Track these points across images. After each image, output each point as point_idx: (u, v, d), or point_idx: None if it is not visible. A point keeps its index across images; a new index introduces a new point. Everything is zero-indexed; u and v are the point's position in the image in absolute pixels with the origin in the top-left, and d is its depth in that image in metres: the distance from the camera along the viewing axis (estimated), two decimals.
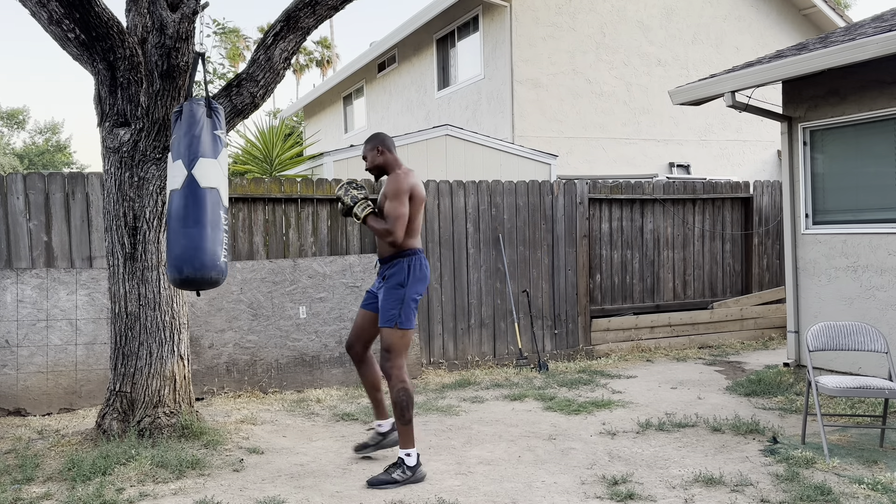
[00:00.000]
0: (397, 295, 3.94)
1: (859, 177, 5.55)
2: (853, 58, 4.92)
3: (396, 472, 3.82)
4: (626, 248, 8.00)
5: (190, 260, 3.69)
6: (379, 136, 4.21)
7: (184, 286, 3.83)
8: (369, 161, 4.17)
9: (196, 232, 3.69)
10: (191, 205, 3.71)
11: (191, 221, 3.70)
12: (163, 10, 4.16)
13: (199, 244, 3.69)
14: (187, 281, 3.75)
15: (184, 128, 3.83)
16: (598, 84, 11.78)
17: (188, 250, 3.68)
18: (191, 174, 3.72)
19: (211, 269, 3.73)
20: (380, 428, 4.29)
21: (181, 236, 3.71)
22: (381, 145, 4.15)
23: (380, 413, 4.32)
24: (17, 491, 3.68)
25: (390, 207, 3.92)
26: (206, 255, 3.70)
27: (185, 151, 3.77)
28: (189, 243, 3.68)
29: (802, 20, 13.49)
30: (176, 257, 3.72)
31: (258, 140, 9.62)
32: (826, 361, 5.61)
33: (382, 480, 3.79)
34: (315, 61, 41.67)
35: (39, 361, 5.42)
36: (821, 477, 3.75)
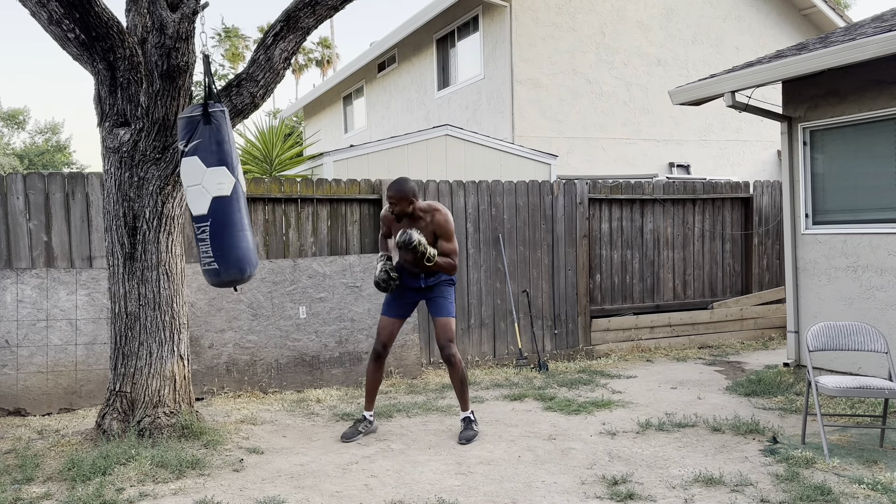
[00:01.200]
0: (452, 292, 4.77)
1: (859, 177, 5.55)
2: (853, 58, 4.92)
3: (474, 426, 4.70)
4: (626, 248, 8.00)
5: (249, 260, 4.04)
6: (409, 186, 4.60)
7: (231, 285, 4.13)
8: (399, 209, 4.60)
9: (249, 234, 4.05)
10: (242, 208, 4.02)
11: (243, 224, 4.02)
12: (163, 10, 4.16)
13: (252, 245, 4.07)
14: (246, 279, 4.12)
15: (218, 133, 3.97)
16: (598, 84, 11.78)
17: (247, 252, 4.02)
18: (237, 180, 3.98)
19: (257, 265, 4.15)
20: (370, 417, 4.82)
21: (241, 239, 4.01)
22: (413, 196, 4.60)
23: (372, 405, 4.85)
24: (17, 491, 3.68)
25: (451, 247, 4.62)
26: (255, 255, 4.11)
27: (228, 158, 3.97)
28: (246, 245, 4.02)
29: (802, 20, 13.50)
30: (238, 260, 4.02)
31: (258, 140, 9.62)
32: (826, 361, 5.61)
33: (472, 435, 4.61)
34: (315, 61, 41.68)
35: (39, 361, 5.42)
36: (821, 477, 3.75)
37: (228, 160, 3.95)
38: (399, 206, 4.58)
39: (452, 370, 4.66)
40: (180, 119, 4.05)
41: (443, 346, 4.64)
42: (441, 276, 4.71)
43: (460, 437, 4.60)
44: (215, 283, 4.10)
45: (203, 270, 4.06)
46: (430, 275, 4.70)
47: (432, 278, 4.71)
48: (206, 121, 3.94)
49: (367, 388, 4.81)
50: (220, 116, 3.97)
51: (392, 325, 4.78)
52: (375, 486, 3.78)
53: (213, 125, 3.93)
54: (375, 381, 4.80)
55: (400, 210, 4.60)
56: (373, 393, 4.81)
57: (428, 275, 4.70)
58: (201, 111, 3.95)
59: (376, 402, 5.65)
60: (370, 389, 4.81)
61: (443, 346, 4.64)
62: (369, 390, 4.81)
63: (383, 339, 4.76)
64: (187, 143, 3.96)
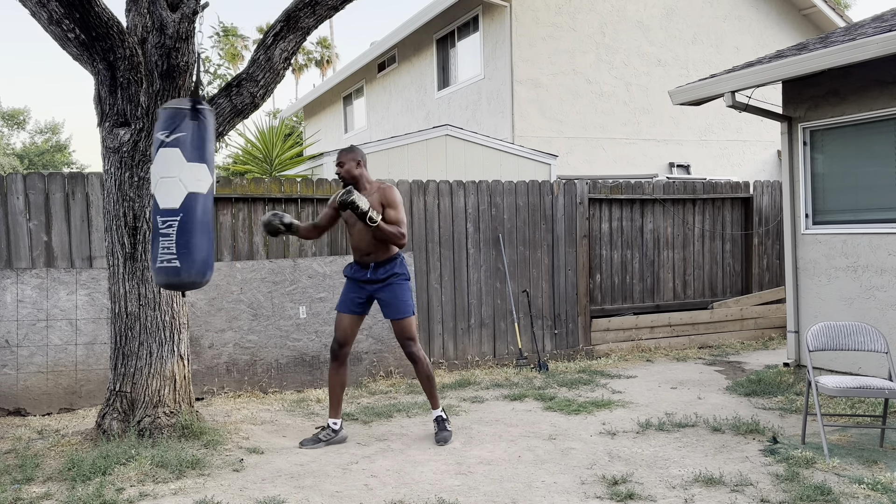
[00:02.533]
0: (407, 287, 4.59)
1: (859, 177, 5.55)
2: (853, 58, 4.92)
3: (447, 425, 4.64)
4: (626, 248, 8.00)
5: (211, 264, 3.85)
6: (360, 151, 4.62)
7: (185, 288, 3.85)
8: (346, 170, 4.54)
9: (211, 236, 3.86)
10: (210, 210, 3.83)
11: (210, 227, 3.83)
12: (163, 10, 4.16)
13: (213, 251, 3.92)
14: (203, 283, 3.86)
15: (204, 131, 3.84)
16: (598, 84, 11.78)
17: (211, 256, 3.84)
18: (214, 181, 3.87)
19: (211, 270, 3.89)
20: (335, 425, 4.62)
21: (206, 240, 3.80)
22: (362, 159, 4.59)
23: (337, 412, 4.65)
24: (17, 491, 3.68)
25: (398, 215, 4.48)
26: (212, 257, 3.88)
27: (208, 156, 3.85)
28: (211, 246, 3.84)
29: (802, 20, 13.49)
30: (203, 261, 3.78)
31: (258, 140, 9.62)
32: (826, 361, 5.61)
33: (448, 436, 4.57)
34: (314, 61, 41.67)
35: (39, 361, 5.42)
36: (821, 477, 3.75)
37: (210, 159, 3.84)
38: (347, 167, 4.49)
39: (417, 367, 4.60)
40: (164, 109, 3.86)
41: (403, 345, 4.59)
42: (391, 269, 4.53)
43: (436, 438, 4.57)
44: (167, 284, 3.81)
45: (156, 268, 3.75)
46: (379, 265, 4.53)
47: (381, 270, 4.53)
48: (193, 116, 3.80)
49: (329, 391, 4.63)
50: (208, 115, 3.86)
51: (346, 321, 4.61)
52: (375, 486, 3.78)
53: (200, 122, 3.80)
54: (335, 384, 4.61)
55: (346, 171, 4.50)
56: (335, 397, 4.61)
57: (376, 265, 4.53)
58: (190, 105, 3.80)
59: (375, 403, 5.64)
60: (332, 393, 4.61)
61: (402, 344, 4.59)
62: (331, 394, 4.61)
63: (339, 336, 4.60)
64: (169, 133, 3.80)
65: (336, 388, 4.63)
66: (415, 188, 6.87)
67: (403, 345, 4.60)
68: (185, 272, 3.73)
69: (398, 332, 4.59)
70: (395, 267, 4.56)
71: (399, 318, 4.56)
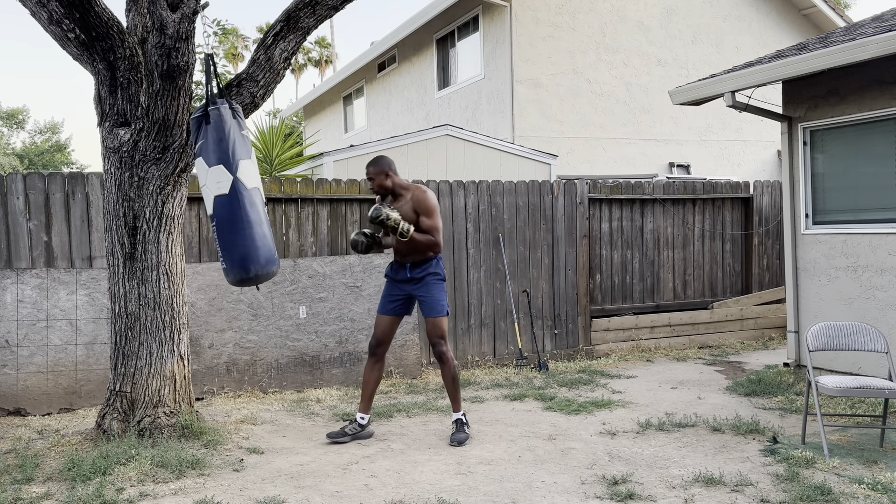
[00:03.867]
0: (442, 287, 4.68)
1: (859, 177, 5.55)
2: (853, 58, 4.92)
3: (466, 428, 4.65)
4: (626, 248, 8.00)
5: (256, 259, 3.95)
6: (386, 160, 4.68)
7: (246, 284, 4.07)
8: (377, 184, 4.63)
9: (256, 231, 3.94)
10: (244, 207, 3.92)
11: (246, 223, 3.91)
12: (163, 10, 4.16)
13: (262, 242, 3.96)
14: (254, 278, 4.02)
15: (216, 132, 3.94)
16: (598, 84, 11.78)
17: (252, 250, 3.93)
18: (236, 177, 3.91)
19: (273, 263, 4.04)
20: (362, 420, 4.70)
21: (242, 238, 3.93)
22: (389, 170, 4.64)
23: (367, 408, 4.73)
24: (17, 491, 3.68)
25: (432, 223, 4.56)
26: (268, 252, 3.99)
27: (225, 156, 3.91)
28: (251, 244, 3.93)
29: (802, 20, 13.49)
30: (242, 258, 3.95)
31: (258, 140, 9.62)
32: (826, 361, 5.61)
33: (464, 437, 4.56)
34: (313, 61, 41.67)
35: (39, 361, 5.42)
36: (821, 477, 3.75)
37: (227, 157, 3.92)
38: (377, 181, 4.60)
39: (444, 367, 4.65)
40: (191, 121, 4.07)
41: (434, 343, 4.64)
42: (428, 269, 4.62)
43: (451, 439, 4.57)
44: (230, 282, 4.09)
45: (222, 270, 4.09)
46: (416, 265, 4.63)
47: (418, 269, 4.63)
48: (206, 120, 3.97)
49: (363, 386, 4.76)
50: (217, 114, 3.95)
51: (385, 321, 4.73)
52: (375, 486, 3.78)
53: (212, 124, 3.94)
54: (370, 380, 4.73)
55: (378, 185, 4.60)
56: (367, 393, 4.72)
57: (413, 265, 4.63)
58: (202, 111, 3.98)
59: (375, 403, 5.64)
60: (364, 388, 4.74)
61: (434, 342, 4.64)
62: (364, 389, 4.75)
63: (377, 335, 4.73)
64: (195, 143, 4.02)
65: (370, 384, 4.74)
66: None
67: (434, 343, 4.64)
68: (230, 271, 4.00)
69: (430, 329, 4.65)
70: (432, 266, 4.65)
71: (433, 317, 4.62)
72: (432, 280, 4.64)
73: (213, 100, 4.00)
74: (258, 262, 3.97)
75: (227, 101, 4.04)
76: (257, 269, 3.98)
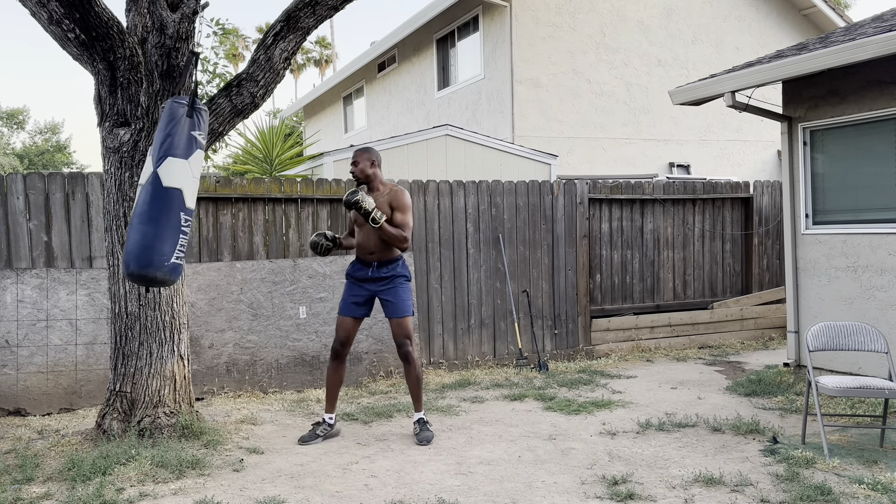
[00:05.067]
0: (407, 287, 4.69)
1: (859, 177, 5.55)
2: (853, 58, 4.92)
3: (429, 426, 4.68)
4: (626, 248, 8.00)
5: (137, 256, 3.65)
6: (374, 151, 4.75)
7: (132, 280, 3.79)
8: (360, 169, 4.67)
9: (149, 230, 3.65)
10: (150, 202, 3.67)
11: (146, 218, 3.65)
12: (163, 10, 4.16)
13: (149, 242, 3.64)
14: (132, 276, 3.72)
15: (161, 124, 3.79)
16: (598, 84, 11.78)
17: (137, 247, 3.65)
18: (155, 172, 3.69)
19: (157, 268, 3.67)
20: (330, 420, 4.74)
21: (134, 231, 3.69)
22: (376, 160, 4.71)
23: (333, 407, 4.77)
24: (17, 491, 3.68)
25: (405, 219, 4.59)
26: (153, 254, 3.64)
27: (156, 149, 3.74)
28: (140, 240, 3.65)
29: (802, 20, 13.49)
30: (126, 252, 3.70)
31: (258, 140, 9.62)
32: (826, 361, 5.61)
33: (429, 437, 4.57)
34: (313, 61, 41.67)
35: (39, 361, 5.42)
36: (821, 477, 3.75)
37: (157, 150, 3.74)
38: (361, 166, 4.63)
39: (408, 368, 4.66)
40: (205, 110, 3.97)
41: (399, 344, 4.64)
42: (394, 270, 4.65)
43: (418, 439, 4.56)
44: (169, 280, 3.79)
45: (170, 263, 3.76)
46: (381, 265, 4.65)
47: (383, 269, 4.64)
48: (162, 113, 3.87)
49: (327, 388, 4.74)
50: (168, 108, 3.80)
51: (348, 323, 4.73)
52: (375, 486, 3.78)
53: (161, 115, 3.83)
54: (335, 382, 4.73)
55: (360, 171, 4.63)
56: (333, 394, 4.74)
57: (379, 264, 4.65)
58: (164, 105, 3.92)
59: (375, 402, 5.65)
60: (330, 390, 4.73)
61: (399, 343, 4.64)
62: (329, 391, 4.73)
63: (341, 337, 4.72)
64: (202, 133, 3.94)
65: (335, 386, 4.75)
66: (415, 188, 6.87)
67: (399, 343, 4.65)
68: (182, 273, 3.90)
69: (396, 330, 4.66)
70: (398, 268, 4.67)
71: (399, 317, 4.64)
72: (398, 281, 4.66)
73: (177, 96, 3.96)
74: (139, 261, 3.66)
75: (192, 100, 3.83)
76: (135, 269, 3.67)
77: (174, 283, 3.87)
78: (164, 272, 3.70)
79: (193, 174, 3.81)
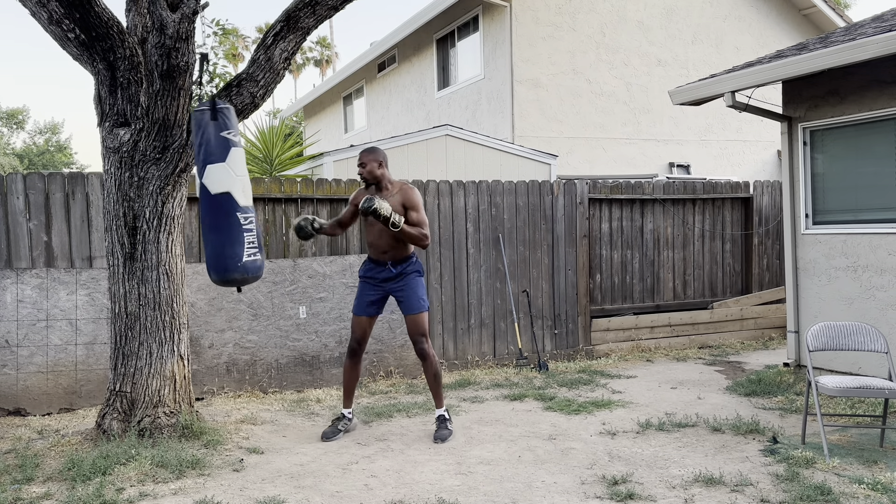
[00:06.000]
0: (421, 283, 4.71)
1: (859, 177, 5.55)
2: (853, 58, 4.92)
3: (448, 424, 4.70)
4: (626, 248, 8.00)
5: (213, 266, 3.99)
6: (381, 152, 4.74)
7: (222, 286, 4.15)
8: (368, 170, 4.67)
9: (213, 238, 3.97)
10: (205, 212, 3.98)
11: (207, 228, 3.99)
12: (163, 10, 4.16)
13: (218, 250, 3.97)
14: (218, 283, 4.08)
15: (193, 137, 4.04)
16: (598, 84, 11.78)
17: (211, 256, 3.99)
18: (202, 183, 3.95)
19: (233, 270, 3.97)
20: (349, 415, 4.86)
21: (205, 243, 4.04)
22: (384, 160, 4.71)
23: (350, 402, 4.90)
24: (17, 491, 3.68)
25: (420, 216, 4.62)
26: (225, 259, 3.96)
27: (197, 162, 4.00)
28: (210, 249, 3.99)
29: (802, 20, 13.50)
30: (206, 262, 4.04)
31: (258, 140, 9.63)
32: (826, 361, 5.61)
33: (447, 434, 4.60)
34: (313, 61, 41.67)
35: (39, 361, 5.42)
36: (821, 477, 3.75)
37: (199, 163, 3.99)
38: (369, 167, 4.63)
39: (426, 364, 4.68)
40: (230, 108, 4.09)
41: (415, 341, 4.68)
42: (407, 266, 4.68)
43: (434, 436, 4.61)
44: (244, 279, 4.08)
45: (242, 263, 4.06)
46: (398, 262, 4.68)
47: (398, 266, 4.68)
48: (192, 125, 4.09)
49: (345, 385, 4.87)
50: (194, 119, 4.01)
51: (364, 322, 4.80)
52: (375, 486, 3.78)
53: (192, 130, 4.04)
54: (352, 379, 4.85)
55: (369, 172, 4.64)
56: (350, 390, 4.86)
57: (395, 262, 4.68)
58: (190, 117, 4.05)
59: (375, 402, 5.65)
60: (347, 387, 4.86)
61: (415, 340, 4.68)
62: (347, 387, 4.86)
63: (357, 336, 4.80)
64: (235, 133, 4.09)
65: (351, 382, 4.86)
66: None
67: (415, 341, 4.67)
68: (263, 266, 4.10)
69: (411, 327, 4.68)
70: (411, 264, 4.70)
71: (414, 314, 4.66)
72: (412, 277, 4.69)
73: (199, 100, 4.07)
74: (215, 268, 3.99)
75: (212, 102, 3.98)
76: (214, 276, 4.02)
77: (257, 278, 4.13)
78: (241, 272, 4.00)
79: (237, 172, 4.01)
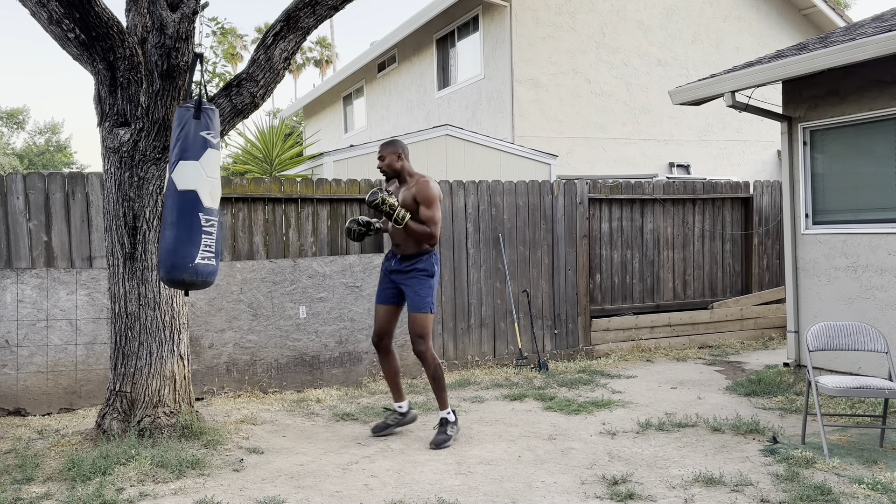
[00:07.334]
0: (429, 283, 4.54)
1: (859, 177, 5.55)
2: (853, 58, 4.92)
3: (449, 429, 4.51)
4: (626, 248, 8.00)
5: (163, 261, 3.82)
6: (401, 143, 4.66)
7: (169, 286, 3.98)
8: (387, 163, 4.59)
9: (169, 234, 3.79)
10: (168, 208, 3.83)
11: (167, 224, 3.82)
12: (163, 10, 4.16)
13: (171, 246, 3.78)
14: (165, 282, 3.93)
15: (172, 131, 3.91)
16: (598, 84, 11.78)
17: (163, 253, 3.82)
18: (170, 178, 3.81)
19: (182, 270, 3.77)
20: (400, 409, 4.78)
21: (161, 239, 3.89)
22: (403, 152, 4.62)
23: (399, 396, 4.80)
24: (17, 491, 3.68)
25: (430, 213, 4.45)
26: (176, 257, 3.76)
27: (171, 156, 3.87)
28: (164, 245, 3.82)
29: (802, 20, 13.49)
30: (158, 258, 3.92)
31: (258, 140, 9.62)
32: (826, 361, 5.61)
33: (443, 440, 4.42)
34: (313, 61, 41.67)
35: (39, 361, 5.42)
36: (821, 477, 3.75)
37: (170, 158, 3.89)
38: (388, 160, 4.56)
39: (424, 365, 4.59)
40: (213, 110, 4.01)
41: (413, 341, 4.59)
42: (417, 264, 4.53)
43: (431, 441, 4.46)
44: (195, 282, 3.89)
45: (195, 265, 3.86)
46: (406, 258, 4.56)
47: (406, 262, 4.56)
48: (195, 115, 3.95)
49: (386, 380, 4.83)
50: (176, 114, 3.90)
51: (382, 311, 4.71)
52: (375, 486, 3.78)
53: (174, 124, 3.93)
54: (388, 372, 4.77)
55: (388, 165, 4.56)
56: (393, 384, 4.77)
57: (403, 257, 4.57)
58: None
59: (375, 402, 5.65)
60: (388, 381, 4.80)
61: (413, 340, 4.59)
62: (388, 382, 4.81)
63: (377, 328, 4.74)
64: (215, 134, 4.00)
65: (390, 376, 4.78)
66: None
67: (413, 342, 4.59)
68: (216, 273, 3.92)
69: (411, 326, 4.58)
70: (421, 262, 4.53)
71: (414, 312, 4.55)
72: (418, 275, 4.53)
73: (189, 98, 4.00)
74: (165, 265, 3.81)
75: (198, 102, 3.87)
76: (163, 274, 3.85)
77: (209, 284, 3.94)
78: (191, 273, 3.80)
79: (208, 174, 3.86)
